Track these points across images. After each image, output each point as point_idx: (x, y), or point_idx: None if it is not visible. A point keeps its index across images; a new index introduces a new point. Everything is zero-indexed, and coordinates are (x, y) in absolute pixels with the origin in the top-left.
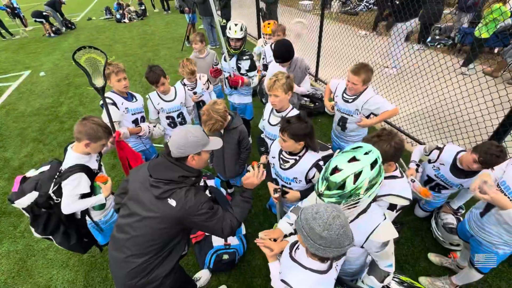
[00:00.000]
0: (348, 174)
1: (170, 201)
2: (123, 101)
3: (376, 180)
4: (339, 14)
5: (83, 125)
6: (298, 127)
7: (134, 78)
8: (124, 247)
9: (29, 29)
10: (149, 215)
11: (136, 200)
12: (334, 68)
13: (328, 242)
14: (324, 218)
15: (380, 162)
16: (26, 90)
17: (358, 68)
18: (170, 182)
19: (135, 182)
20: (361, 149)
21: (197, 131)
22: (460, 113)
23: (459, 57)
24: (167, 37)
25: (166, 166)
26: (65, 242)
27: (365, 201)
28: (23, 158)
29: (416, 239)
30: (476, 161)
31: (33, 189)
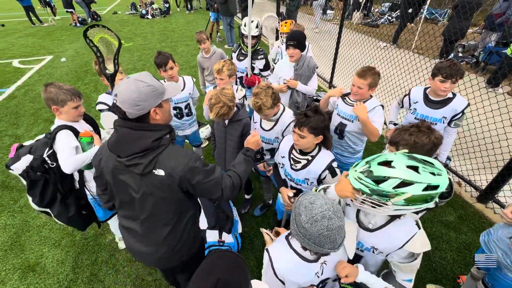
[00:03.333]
0: (396, 176)
1: (157, 172)
2: None
3: (416, 203)
4: (360, 25)
5: (45, 91)
6: (318, 119)
7: (150, 70)
8: (144, 237)
9: (57, 18)
10: (143, 195)
11: (123, 192)
12: (349, 76)
13: (308, 234)
14: (314, 212)
15: (438, 193)
16: (46, 73)
17: (364, 71)
18: (146, 152)
19: (107, 174)
20: (432, 166)
21: (147, 78)
22: (481, 129)
23: (484, 76)
24: (187, 34)
25: (132, 137)
26: (63, 213)
27: (386, 211)
28: (34, 136)
29: (423, 258)
30: (442, 80)
31: (28, 153)
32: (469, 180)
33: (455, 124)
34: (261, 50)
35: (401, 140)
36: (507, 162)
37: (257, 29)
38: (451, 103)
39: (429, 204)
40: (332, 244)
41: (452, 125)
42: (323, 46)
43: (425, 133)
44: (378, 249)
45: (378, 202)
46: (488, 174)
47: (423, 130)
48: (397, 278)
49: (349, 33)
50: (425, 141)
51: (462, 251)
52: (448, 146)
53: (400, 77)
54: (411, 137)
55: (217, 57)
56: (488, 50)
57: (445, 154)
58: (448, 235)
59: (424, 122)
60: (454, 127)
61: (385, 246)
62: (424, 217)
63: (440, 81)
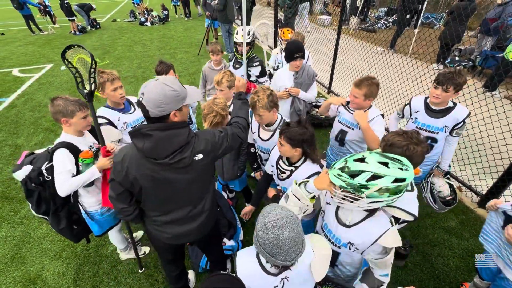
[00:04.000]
0: (368, 170)
1: (197, 157)
2: (119, 115)
3: (386, 195)
4: (357, 31)
5: (53, 105)
6: (296, 131)
7: (150, 78)
8: (190, 218)
9: (57, 26)
10: (186, 182)
11: (165, 190)
12: (347, 82)
13: (261, 242)
14: (267, 220)
15: (406, 186)
16: (46, 82)
17: (361, 81)
18: (184, 146)
19: (143, 180)
20: (400, 162)
21: (173, 83)
22: (480, 135)
23: (480, 80)
24: (185, 41)
25: (166, 138)
26: (55, 225)
27: (362, 204)
28: (34, 146)
29: (426, 265)
30: (435, 86)
31: (29, 163)
32: (469, 185)
33: (457, 133)
34: (256, 57)
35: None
36: (507, 167)
37: (249, 36)
38: (452, 112)
39: (400, 195)
40: (284, 255)
41: (453, 134)
42: (321, 52)
43: (413, 143)
44: (354, 245)
45: (354, 195)
46: (489, 179)
47: (414, 142)
48: (375, 274)
49: (347, 39)
50: (413, 152)
51: (465, 258)
52: (449, 155)
53: (398, 83)
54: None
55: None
56: (484, 54)
57: (447, 162)
58: (450, 241)
59: (414, 133)
60: (456, 136)
61: (360, 241)
62: (426, 223)
63: (434, 87)
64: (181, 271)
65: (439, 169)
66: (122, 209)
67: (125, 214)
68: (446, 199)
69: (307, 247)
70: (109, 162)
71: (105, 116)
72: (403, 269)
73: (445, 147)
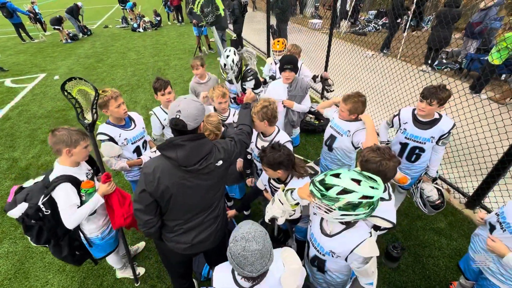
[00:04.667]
0: (339, 184)
1: (218, 164)
2: (120, 132)
3: (355, 209)
4: (348, 34)
5: (55, 136)
6: (271, 156)
7: (144, 86)
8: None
9: (47, 34)
10: (209, 188)
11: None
12: (340, 87)
13: (232, 253)
14: (237, 233)
15: (374, 204)
16: (40, 92)
17: (348, 96)
18: (208, 154)
19: (173, 188)
20: (373, 181)
21: (195, 98)
22: (465, 139)
23: (466, 82)
24: (179, 48)
25: (195, 147)
26: (57, 253)
27: (335, 215)
28: (31, 159)
29: (417, 266)
30: (420, 99)
31: (23, 200)
32: (457, 187)
33: (443, 142)
34: (250, 71)
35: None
36: (490, 170)
37: (234, 64)
38: (438, 124)
39: (369, 213)
40: (250, 267)
41: (440, 144)
42: (313, 57)
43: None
44: (336, 253)
45: (327, 206)
46: (474, 182)
47: (386, 157)
48: (361, 283)
49: (338, 42)
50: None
51: (454, 257)
52: (437, 162)
53: (387, 85)
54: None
55: (213, 83)
56: (470, 57)
57: (435, 169)
58: (440, 242)
59: (386, 149)
60: (442, 145)
61: (340, 250)
62: (417, 225)
63: (419, 101)
64: (190, 283)
65: (427, 176)
66: (148, 220)
67: (150, 225)
68: (435, 203)
69: (277, 262)
70: (110, 188)
71: (106, 133)
72: (396, 271)
73: (432, 156)
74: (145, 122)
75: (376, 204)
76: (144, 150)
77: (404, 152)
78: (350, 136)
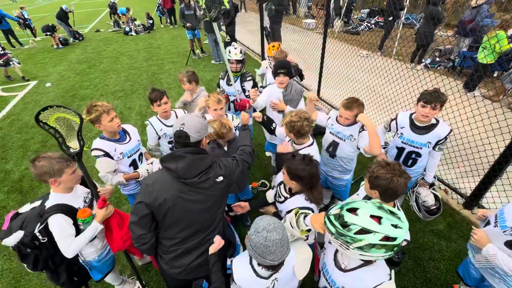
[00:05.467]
0: (357, 223)
1: (218, 179)
2: (116, 146)
3: (374, 251)
4: (341, 33)
5: (35, 167)
6: (296, 165)
7: (139, 91)
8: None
9: (38, 40)
10: (208, 204)
11: (188, 212)
12: (335, 88)
13: (253, 244)
14: (258, 225)
15: (396, 246)
16: (31, 101)
17: (350, 103)
18: (208, 168)
19: (170, 202)
20: (395, 217)
21: (198, 115)
22: (461, 140)
23: (459, 79)
24: (172, 51)
25: (197, 160)
26: (54, 279)
27: (352, 254)
28: (24, 171)
29: (418, 269)
30: (423, 105)
31: (19, 227)
32: (454, 188)
33: (439, 148)
34: (248, 72)
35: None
36: (487, 170)
37: (241, 54)
38: (435, 129)
39: (391, 254)
40: (272, 255)
41: (436, 149)
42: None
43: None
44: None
45: (343, 244)
46: (472, 182)
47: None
48: None
49: (332, 42)
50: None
51: (454, 259)
52: (433, 168)
53: (385, 85)
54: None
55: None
56: (462, 55)
57: (431, 174)
58: (440, 244)
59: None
60: (438, 151)
61: (351, 286)
62: (416, 228)
63: (421, 106)
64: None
65: (424, 181)
66: (141, 235)
67: (143, 241)
68: (430, 208)
69: (291, 251)
70: (108, 212)
71: (101, 148)
72: (397, 275)
73: (429, 161)
74: (141, 129)
75: (399, 247)
76: (140, 163)
77: (400, 156)
78: (353, 140)
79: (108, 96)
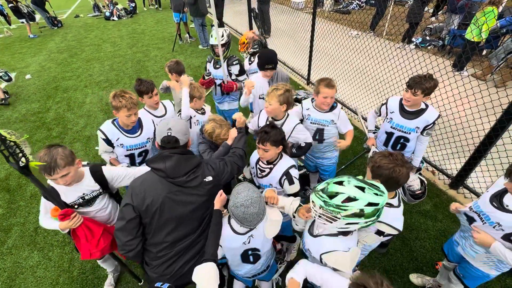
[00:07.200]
0: (344, 192)
1: (207, 179)
2: (119, 136)
3: (362, 218)
4: (331, 13)
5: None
6: (276, 133)
7: (124, 81)
8: (188, 250)
9: (13, 27)
10: (196, 205)
11: (178, 212)
12: (326, 70)
13: (233, 214)
14: (237, 200)
15: (379, 211)
16: (12, 94)
17: (330, 81)
18: (196, 167)
19: (158, 203)
20: (376, 188)
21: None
22: (448, 122)
23: (449, 59)
24: (158, 36)
25: (184, 159)
26: None
27: (339, 225)
28: (10, 169)
29: (405, 249)
30: (406, 89)
31: None
32: (441, 168)
33: (427, 133)
34: (234, 56)
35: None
36: (472, 152)
37: (224, 37)
38: (424, 115)
39: (374, 219)
40: (249, 223)
41: (424, 134)
42: (297, 39)
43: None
44: (311, 253)
45: (331, 215)
46: (458, 164)
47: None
48: None
49: (322, 22)
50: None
51: (439, 238)
52: (421, 152)
53: (375, 67)
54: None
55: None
56: (452, 33)
57: (419, 159)
58: (426, 224)
59: (399, 154)
60: (426, 136)
61: (313, 251)
62: (404, 209)
63: (405, 90)
64: None
65: (411, 165)
66: (127, 242)
67: (129, 248)
68: (416, 193)
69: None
70: (71, 224)
71: (104, 132)
72: (385, 256)
73: (416, 146)
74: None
75: (381, 212)
76: (138, 159)
77: (389, 141)
78: (334, 124)
79: (93, 87)
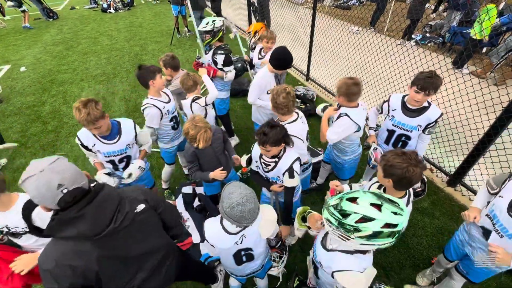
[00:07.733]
0: (358, 212)
1: (139, 209)
2: (96, 142)
3: (378, 239)
4: (332, 8)
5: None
6: (275, 133)
7: (121, 75)
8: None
9: (7, 19)
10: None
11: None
12: (325, 67)
13: (229, 215)
14: (232, 201)
15: (398, 232)
16: (6, 87)
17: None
18: (119, 204)
19: (95, 265)
20: (395, 205)
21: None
22: (448, 119)
23: (449, 56)
24: (156, 29)
25: (99, 204)
26: None
27: (353, 245)
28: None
29: (402, 246)
30: (417, 91)
31: None
32: (439, 166)
33: (429, 131)
34: (224, 46)
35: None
36: (471, 150)
37: (209, 24)
38: (426, 113)
39: (392, 241)
40: (246, 221)
41: (426, 132)
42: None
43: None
44: (323, 266)
45: (344, 235)
46: (456, 161)
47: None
48: None
49: (322, 18)
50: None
51: (436, 235)
52: (422, 150)
53: (375, 64)
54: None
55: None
56: (453, 30)
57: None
58: (423, 221)
59: (413, 153)
60: (428, 134)
61: (326, 266)
62: None
63: (414, 91)
64: None
65: None
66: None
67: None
68: (416, 190)
69: (260, 213)
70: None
71: (80, 139)
72: (382, 253)
73: (418, 144)
74: (125, 115)
75: (400, 234)
76: (120, 165)
77: (390, 139)
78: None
79: (89, 81)
